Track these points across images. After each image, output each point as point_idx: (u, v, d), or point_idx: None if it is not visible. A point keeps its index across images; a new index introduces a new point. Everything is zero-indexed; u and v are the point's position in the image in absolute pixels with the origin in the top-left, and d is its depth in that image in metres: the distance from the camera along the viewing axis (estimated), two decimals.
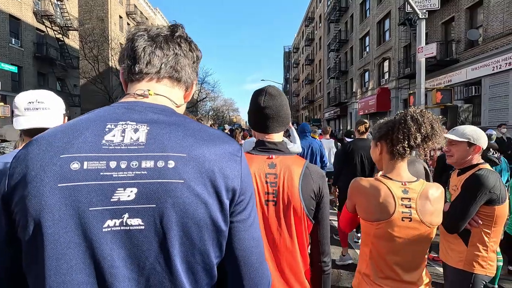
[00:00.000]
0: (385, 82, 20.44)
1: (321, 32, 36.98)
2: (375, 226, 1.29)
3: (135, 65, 0.68)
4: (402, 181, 1.31)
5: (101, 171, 0.55)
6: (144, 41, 0.68)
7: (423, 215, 1.27)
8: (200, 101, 41.28)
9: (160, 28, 0.71)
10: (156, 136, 0.59)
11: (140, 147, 0.58)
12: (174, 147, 0.59)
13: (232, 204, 0.62)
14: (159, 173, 0.56)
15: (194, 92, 0.79)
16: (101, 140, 0.57)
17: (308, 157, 4.26)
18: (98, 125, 0.59)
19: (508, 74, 10.89)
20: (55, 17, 20.23)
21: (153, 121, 0.62)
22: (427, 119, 1.29)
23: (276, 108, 1.16)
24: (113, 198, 0.54)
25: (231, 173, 0.61)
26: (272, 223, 1.09)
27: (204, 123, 3.97)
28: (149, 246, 0.55)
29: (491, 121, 11.65)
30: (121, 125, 0.60)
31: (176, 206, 0.55)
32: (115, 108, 0.64)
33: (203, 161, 0.59)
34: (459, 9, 13.38)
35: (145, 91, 0.67)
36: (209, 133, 0.64)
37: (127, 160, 0.56)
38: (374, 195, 1.29)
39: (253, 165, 1.11)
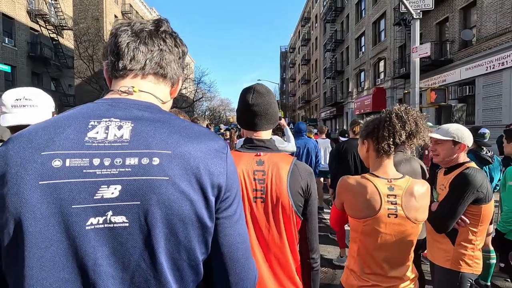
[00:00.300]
0: (380, 82, 20.57)
1: (317, 32, 37.11)
2: (362, 223, 1.31)
3: (119, 61, 0.67)
4: (388, 178, 1.33)
5: (84, 169, 0.54)
6: (127, 36, 0.67)
7: (408, 211, 1.29)
8: (196, 101, 41.17)
9: (144, 23, 0.70)
10: (140, 133, 0.59)
11: (124, 144, 0.57)
12: (159, 144, 0.58)
13: (218, 201, 0.62)
14: (143, 170, 0.56)
15: (180, 88, 0.79)
16: (84, 137, 0.57)
17: (304, 157, 4.27)
18: (80, 122, 0.59)
19: (501, 74, 11.02)
20: (49, 16, 20.04)
21: (137, 118, 0.61)
22: (411, 116, 1.32)
23: (264, 105, 1.17)
24: (97, 195, 0.54)
25: (216, 170, 0.61)
26: (260, 220, 1.09)
27: (200, 123, 3.96)
28: (134, 243, 0.55)
29: (484, 121, 11.77)
30: (105, 122, 0.59)
31: (161, 203, 0.55)
32: (98, 104, 0.64)
33: (188, 158, 0.59)
34: (453, 10, 13.50)
35: (129, 88, 0.66)
36: (195, 130, 0.64)
37: (111, 157, 0.56)
38: (361, 192, 1.31)
39: (241, 163, 1.11)
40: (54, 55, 20.83)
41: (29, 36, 19.18)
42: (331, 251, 4.03)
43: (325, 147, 5.75)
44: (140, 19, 0.74)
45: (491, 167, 3.25)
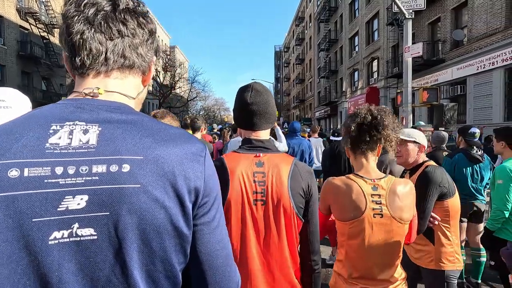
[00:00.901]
0: (374, 81, 20.73)
1: (311, 32, 37.21)
2: (348, 225, 1.31)
3: (76, 56, 0.59)
4: (371, 178, 1.34)
5: (45, 178, 0.50)
6: (79, 23, 0.57)
7: (394, 211, 1.30)
8: (190, 101, 40.96)
9: (98, 2, 0.58)
10: (109, 137, 0.54)
11: (90, 150, 0.53)
12: (130, 148, 0.54)
13: (195, 207, 0.58)
14: (112, 178, 0.52)
15: (153, 73, 0.71)
16: (45, 144, 0.52)
17: (298, 157, 4.27)
18: (41, 126, 0.53)
19: (491, 74, 11.19)
20: (39, 15, 19.68)
21: (105, 120, 0.56)
22: (366, 110, 1.37)
23: (263, 104, 1.14)
24: (60, 207, 0.50)
25: (193, 175, 0.58)
26: (261, 223, 1.07)
27: (199, 123, 3.92)
28: (103, 257, 0.51)
29: (475, 119, 11.94)
30: (69, 126, 0.54)
31: (133, 212, 0.52)
32: (62, 106, 0.57)
33: (162, 163, 0.55)
34: (445, 10, 13.66)
35: (93, 90, 0.60)
36: (170, 133, 0.60)
37: (76, 165, 0.51)
38: (346, 192, 1.32)
39: (240, 164, 1.09)
40: (45, 54, 20.47)
41: (19, 34, 18.82)
42: (324, 250, 4.03)
43: (317, 146, 5.76)
44: None
45: (481, 166, 3.28)
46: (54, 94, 21.02)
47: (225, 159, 1.11)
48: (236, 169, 1.08)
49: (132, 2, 0.62)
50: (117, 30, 0.59)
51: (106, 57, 0.59)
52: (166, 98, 31.81)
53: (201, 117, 4.15)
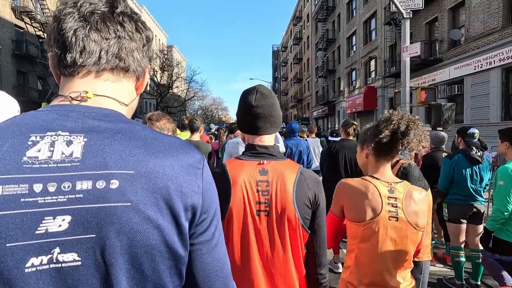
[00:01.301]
0: (371, 81, 20.74)
1: (309, 31, 37.19)
2: (362, 226, 1.27)
3: (66, 54, 0.54)
4: (388, 181, 1.33)
5: (21, 197, 0.44)
6: (74, 21, 0.54)
7: (409, 215, 1.27)
8: (188, 100, 40.82)
9: (95, 3, 0.56)
10: (95, 149, 0.49)
11: (74, 165, 0.47)
12: (119, 162, 0.49)
13: (193, 225, 0.53)
14: (99, 195, 0.46)
15: (147, 81, 0.67)
16: (22, 157, 0.46)
17: (296, 158, 4.23)
18: (18, 137, 0.48)
19: (489, 73, 11.22)
20: (35, 13, 19.49)
21: (92, 129, 0.51)
22: (403, 120, 1.34)
23: (268, 107, 1.09)
24: (39, 229, 0.44)
25: (190, 189, 0.52)
26: (264, 235, 1.01)
27: (198, 123, 3.87)
28: (89, 285, 0.46)
29: (473, 119, 11.98)
30: (50, 137, 0.49)
31: (122, 234, 0.47)
32: (43, 113, 0.52)
33: (156, 178, 0.50)
34: (442, 9, 13.68)
35: (81, 94, 0.54)
36: (164, 143, 0.54)
37: (57, 182, 0.46)
38: (362, 193, 1.29)
39: (243, 172, 1.03)
40: (41, 53, 20.28)
41: (14, 33, 18.62)
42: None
43: (314, 146, 5.73)
44: None
45: (480, 167, 3.26)
46: (51, 93, 20.84)
47: (227, 167, 1.06)
48: (239, 177, 1.02)
49: (129, 9, 0.60)
50: (114, 30, 0.56)
51: (100, 55, 0.55)
52: (163, 97, 31.65)
53: (199, 117, 4.10)
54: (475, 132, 3.37)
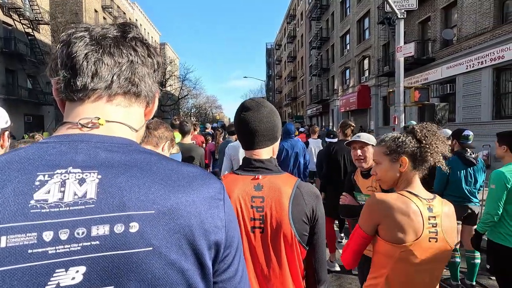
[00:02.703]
0: (365, 79, 20.87)
1: (302, 30, 37.21)
2: (400, 248, 1.16)
3: (76, 78, 0.50)
4: (426, 198, 1.23)
5: (29, 248, 0.39)
6: (85, 44, 0.51)
7: (447, 234, 1.20)
8: (181, 99, 40.52)
9: (107, 28, 0.55)
10: (111, 187, 0.44)
11: (88, 207, 0.43)
12: (138, 201, 0.44)
13: (216, 262, 0.50)
14: (117, 241, 0.42)
15: (156, 106, 0.64)
16: (29, 201, 0.41)
17: (292, 159, 4.21)
18: (23, 177, 0.42)
19: (480, 73, 11.38)
20: (23, 10, 19.03)
21: (106, 164, 0.46)
22: (439, 133, 1.30)
23: (255, 122, 1.05)
24: (50, 284, 0.39)
25: (213, 225, 0.49)
26: (259, 252, 0.99)
27: (189, 125, 3.80)
28: None
29: (464, 118, 12.15)
30: (60, 175, 0.44)
31: (144, 282, 0.42)
32: (49, 146, 0.47)
33: (178, 216, 0.46)
34: (435, 9, 13.81)
35: (92, 120, 0.50)
36: (183, 174, 0.51)
37: (70, 228, 0.41)
38: (404, 212, 1.17)
39: (237, 187, 1.00)
40: (30, 51, 19.85)
41: (2, 31, 18.16)
42: None
43: (315, 147, 5.72)
44: (122, 14, 0.59)
45: (475, 169, 3.29)
46: (40, 92, 20.44)
47: (222, 182, 1.04)
48: (233, 193, 1.00)
49: (141, 34, 0.58)
50: (127, 54, 0.54)
51: (112, 79, 0.52)
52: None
53: (190, 121, 4.02)
54: (469, 134, 3.40)
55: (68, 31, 0.53)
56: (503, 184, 2.40)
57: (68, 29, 0.54)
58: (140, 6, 39.42)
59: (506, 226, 2.43)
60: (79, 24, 0.55)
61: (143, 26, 40.69)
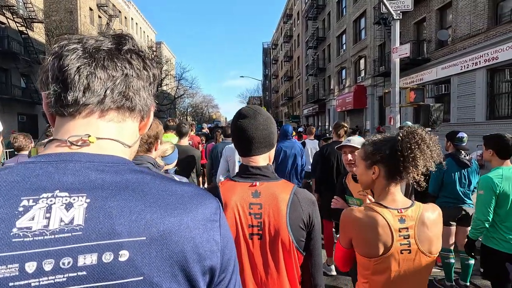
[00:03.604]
0: (361, 79, 20.96)
1: (299, 29, 37.24)
2: (373, 262, 1.17)
3: (67, 92, 0.48)
4: (398, 208, 1.19)
5: (10, 281, 0.37)
6: (77, 57, 0.49)
7: (422, 244, 1.17)
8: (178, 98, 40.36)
9: (101, 39, 0.53)
10: (100, 212, 0.42)
11: (75, 234, 0.40)
12: (129, 227, 0.42)
13: (211, 287, 0.49)
14: (105, 271, 0.40)
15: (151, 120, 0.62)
16: (11, 229, 0.38)
17: (291, 160, 4.22)
18: (6, 202, 0.40)
19: (474, 74, 11.49)
20: (17, 8, 18.77)
21: (95, 186, 0.44)
22: (432, 141, 1.20)
23: (251, 129, 1.07)
24: None
25: (208, 249, 0.47)
26: (257, 258, 1.00)
27: (187, 127, 3.78)
28: None
29: (459, 118, 12.27)
30: (46, 199, 0.41)
31: None
32: (36, 166, 0.44)
33: (170, 242, 0.44)
34: (430, 10, 13.91)
35: (82, 137, 0.48)
36: (177, 195, 0.48)
37: (55, 257, 0.39)
38: (370, 227, 1.16)
39: (235, 195, 1.02)
40: (24, 49, 19.60)
41: None
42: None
43: (312, 148, 5.73)
44: (117, 12, 0.57)
45: (469, 170, 3.33)
46: (34, 91, 20.19)
47: (220, 189, 1.05)
48: (231, 200, 1.01)
49: (137, 46, 0.56)
50: (121, 67, 0.52)
51: (105, 94, 0.50)
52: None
53: (188, 122, 4.01)
54: (464, 136, 3.44)
55: (61, 43, 0.51)
56: (491, 189, 2.40)
57: (60, 41, 0.51)
58: (135, 5, 39.13)
59: (498, 231, 2.44)
60: (72, 35, 0.53)
61: (138, 25, 40.40)
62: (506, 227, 2.42)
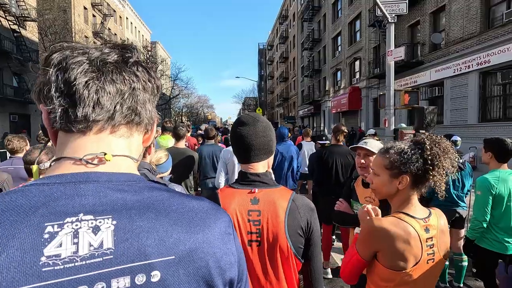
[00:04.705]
0: (356, 81, 21.11)
1: (294, 30, 37.36)
2: (401, 275, 1.13)
3: (76, 108, 0.46)
4: (423, 218, 1.18)
5: None
6: (84, 71, 0.46)
7: (442, 251, 1.18)
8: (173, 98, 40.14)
9: (106, 52, 0.50)
10: (129, 234, 0.41)
11: (106, 258, 0.39)
12: (158, 247, 0.42)
13: None
14: None
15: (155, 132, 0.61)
16: (39, 257, 0.36)
17: (287, 162, 4.24)
18: (30, 230, 0.37)
19: (467, 77, 11.67)
20: (9, 6, 18.49)
21: (119, 207, 0.43)
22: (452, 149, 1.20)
23: (250, 136, 1.08)
24: None
25: (227, 262, 0.49)
26: (256, 265, 1.01)
27: (184, 130, 3.75)
28: None
29: (452, 120, 12.44)
30: (71, 224, 0.39)
31: None
32: (52, 189, 0.42)
33: (196, 259, 0.44)
34: (424, 13, 14.08)
35: (98, 155, 0.47)
36: (195, 211, 0.49)
37: (89, 284, 0.38)
38: (404, 239, 1.11)
39: (234, 202, 1.02)
40: (16, 48, 19.30)
41: None
42: None
43: (309, 150, 5.76)
44: (112, 11, 0.55)
45: (463, 173, 3.38)
46: (26, 90, 19.89)
47: (219, 195, 1.06)
48: (230, 207, 1.02)
49: (141, 58, 0.55)
50: (129, 80, 0.50)
51: (115, 109, 0.48)
52: None
53: (184, 125, 3.98)
54: (457, 140, 3.50)
55: (64, 53, 0.47)
56: (488, 190, 2.46)
57: (59, 50, 0.48)
58: (130, 4, 38.81)
59: (492, 231, 2.49)
60: (71, 44, 0.50)
61: (133, 24, 40.10)
62: (499, 228, 2.47)
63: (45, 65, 0.48)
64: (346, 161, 3.74)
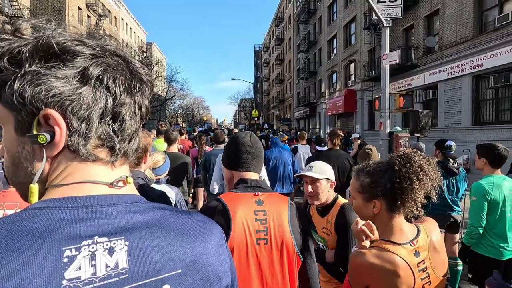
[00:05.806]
0: (351, 84, 21.25)
1: (290, 33, 37.53)
2: None
3: (115, 139, 0.47)
4: (410, 241, 1.09)
5: None
6: (123, 89, 0.46)
7: (438, 270, 1.11)
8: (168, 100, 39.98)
9: (141, 73, 0.50)
10: (141, 253, 0.44)
11: (123, 278, 0.41)
12: (167, 263, 0.45)
13: None
14: None
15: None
16: (61, 281, 0.37)
17: (282, 166, 4.27)
18: (49, 255, 0.38)
19: (460, 80, 11.82)
20: (2, 6, 18.28)
21: (129, 227, 0.45)
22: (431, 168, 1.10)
23: (259, 149, 1.25)
24: None
25: (223, 271, 0.52)
26: (263, 262, 1.07)
27: (175, 134, 3.72)
28: None
29: (446, 123, 12.58)
30: (87, 247, 0.40)
31: None
32: (67, 212, 0.42)
33: (198, 270, 0.48)
34: (418, 17, 14.25)
35: (122, 178, 0.49)
36: (193, 225, 0.52)
37: None
38: (391, 272, 1.03)
39: (240, 204, 1.10)
40: None
41: None
42: None
43: (304, 153, 5.78)
44: (107, 12, 0.54)
45: (457, 178, 3.40)
46: None
47: (224, 200, 1.12)
48: (238, 208, 1.09)
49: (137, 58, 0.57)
50: (147, 96, 0.52)
51: (131, 139, 0.51)
52: None
53: (176, 130, 3.95)
54: (452, 145, 3.52)
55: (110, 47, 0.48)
56: (484, 196, 2.47)
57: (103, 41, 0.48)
58: (126, 5, 38.60)
59: (487, 237, 2.51)
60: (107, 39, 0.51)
61: (129, 25, 39.89)
62: (494, 234, 2.49)
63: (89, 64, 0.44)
64: (343, 165, 3.74)
